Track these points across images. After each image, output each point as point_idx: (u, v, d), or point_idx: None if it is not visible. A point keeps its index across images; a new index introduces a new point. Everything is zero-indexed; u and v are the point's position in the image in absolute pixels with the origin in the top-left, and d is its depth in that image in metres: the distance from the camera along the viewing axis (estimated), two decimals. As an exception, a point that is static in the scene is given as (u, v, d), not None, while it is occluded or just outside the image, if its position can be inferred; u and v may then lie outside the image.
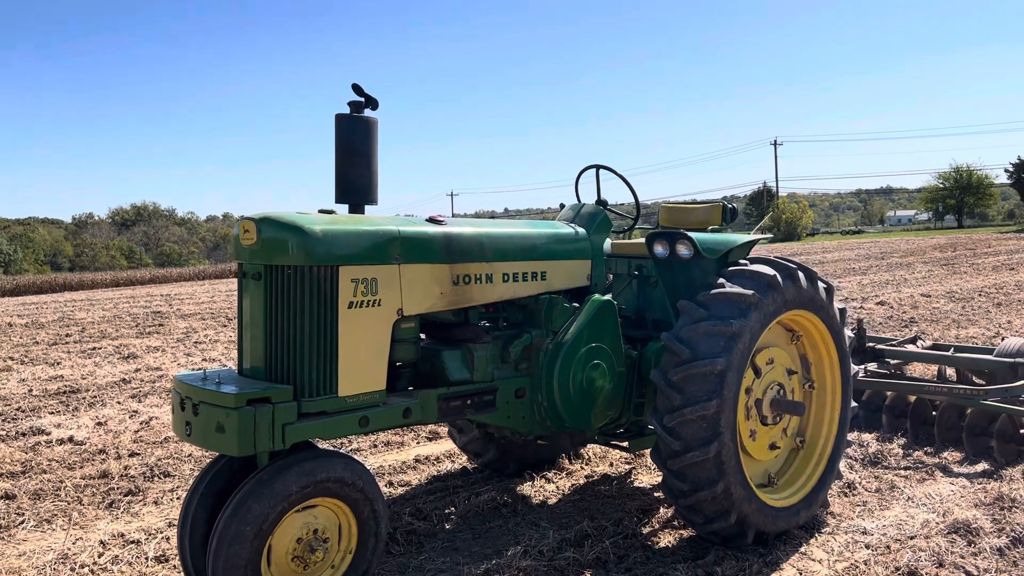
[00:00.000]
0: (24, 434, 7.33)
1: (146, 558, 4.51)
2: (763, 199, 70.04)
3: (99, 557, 4.54)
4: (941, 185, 78.79)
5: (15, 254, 64.97)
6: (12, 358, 12.22)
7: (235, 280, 33.98)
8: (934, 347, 7.71)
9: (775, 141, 76.03)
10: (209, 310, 19.37)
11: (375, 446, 6.76)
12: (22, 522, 5.15)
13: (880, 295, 17.38)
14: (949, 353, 7.13)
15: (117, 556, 4.54)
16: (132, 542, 4.75)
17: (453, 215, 4.93)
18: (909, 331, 11.59)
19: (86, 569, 4.40)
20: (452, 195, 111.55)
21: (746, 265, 4.77)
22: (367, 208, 4.28)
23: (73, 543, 4.76)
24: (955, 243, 38.90)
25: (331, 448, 4.01)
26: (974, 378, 7.13)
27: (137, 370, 10.83)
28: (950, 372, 7.17)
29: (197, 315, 18.28)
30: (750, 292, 4.42)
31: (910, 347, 7.47)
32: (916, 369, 8.35)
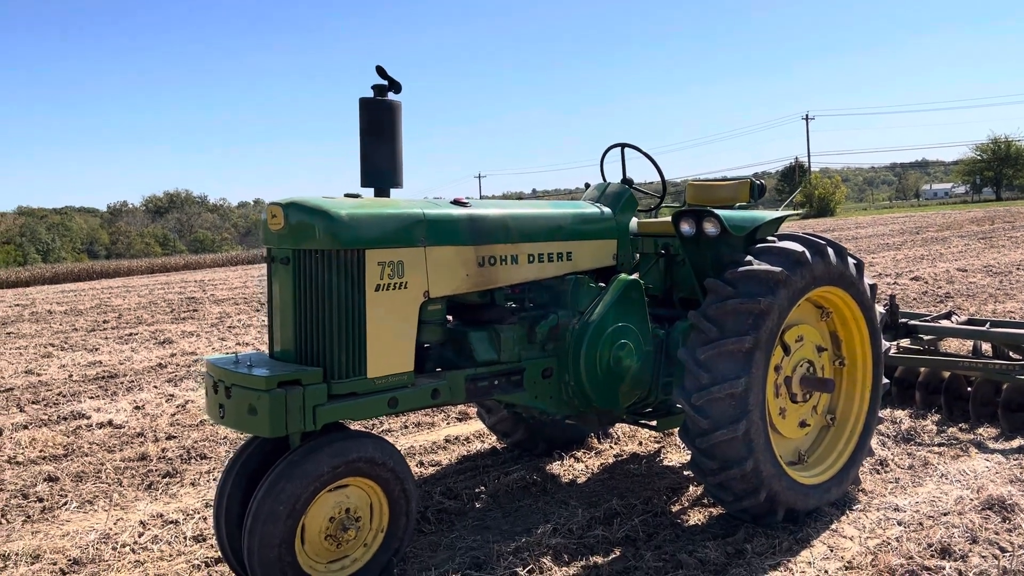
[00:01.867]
0: (65, 418, 7.51)
1: (184, 538, 4.62)
2: (795, 175, 69.06)
3: (139, 537, 4.66)
4: (979, 157, 77.17)
5: (53, 243, 66.28)
6: (52, 344, 12.50)
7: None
8: (969, 322, 7.58)
9: (807, 115, 74.88)
10: (242, 295, 19.62)
11: (405, 427, 6.84)
12: (65, 503, 5.30)
13: (915, 270, 17.11)
14: (985, 328, 7.01)
15: (156, 536, 4.66)
16: (170, 522, 4.87)
17: (481, 196, 4.93)
18: (944, 306, 11.41)
19: (127, 548, 4.52)
20: (480, 177, 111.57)
21: (774, 242, 4.73)
22: (392, 191, 4.31)
23: (114, 523, 4.89)
24: (993, 216, 38.11)
25: (361, 429, 4.07)
26: (1011, 353, 7.00)
27: (173, 355, 11.03)
28: (985, 347, 7.05)
29: (230, 300, 18.53)
30: (778, 269, 4.38)
31: (944, 322, 7.36)
32: (950, 345, 8.23)
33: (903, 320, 7.29)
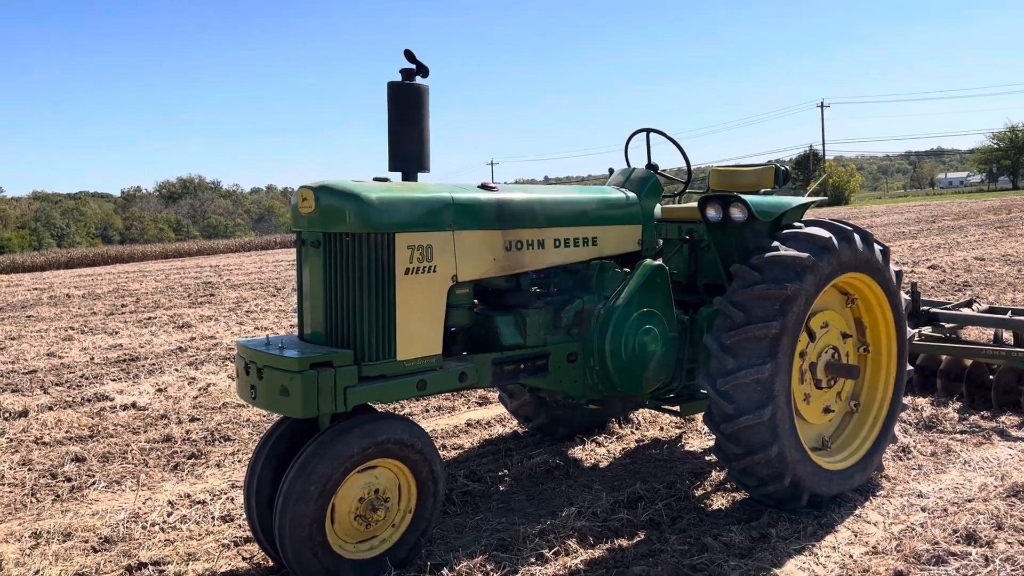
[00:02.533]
0: (89, 400, 7.59)
1: (212, 517, 4.68)
2: (809, 163, 68.62)
3: (168, 516, 4.72)
4: (995, 145, 76.41)
5: (68, 228, 66.68)
6: (73, 328, 12.61)
7: (280, 252, 34.55)
8: (990, 310, 7.55)
9: (822, 103, 74.37)
10: (258, 280, 19.72)
11: (427, 411, 6.88)
12: (93, 483, 5.37)
13: (932, 259, 17.01)
14: (1007, 316, 6.98)
15: (185, 515, 4.72)
16: (198, 502, 4.93)
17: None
18: (963, 295, 11.35)
19: (156, 527, 4.58)
20: (492, 164, 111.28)
21: (801, 228, 4.72)
22: (419, 176, 4.32)
23: (143, 503, 4.95)
24: (1010, 205, 37.80)
25: (389, 411, 4.10)
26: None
27: (192, 339, 11.12)
28: (1007, 335, 7.02)
29: (246, 285, 18.62)
30: (805, 255, 4.38)
31: (965, 311, 7.33)
32: (971, 333, 8.20)
33: (924, 308, 7.27)
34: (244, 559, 4.13)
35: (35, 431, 6.59)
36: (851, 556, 4.01)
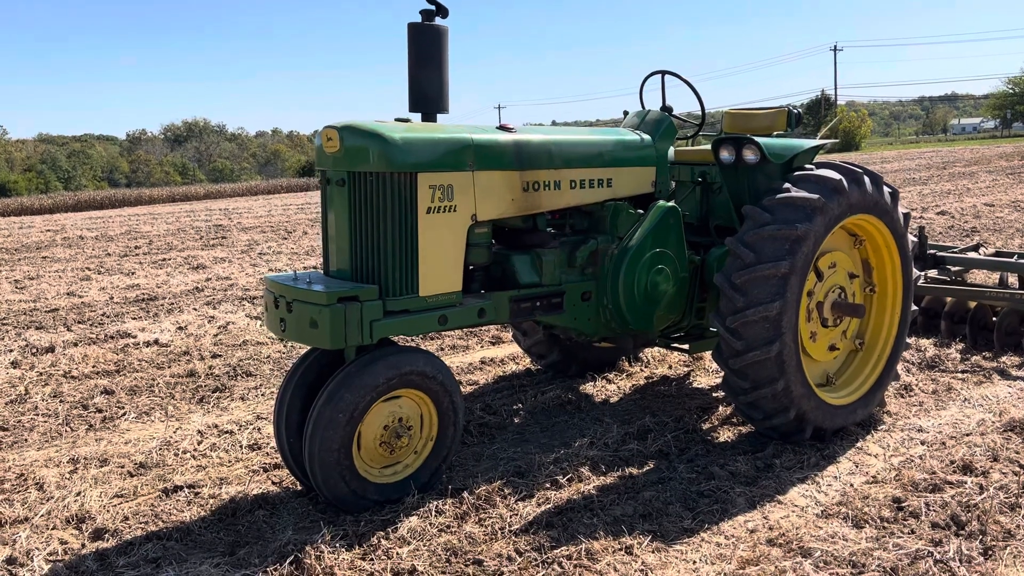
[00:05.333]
0: (112, 337, 7.80)
1: (240, 446, 4.90)
2: (821, 108, 67.78)
3: (198, 444, 4.94)
4: (1010, 91, 75.25)
5: (74, 171, 66.62)
6: (89, 268, 12.80)
7: (288, 196, 34.65)
8: (997, 254, 7.66)
9: (835, 46, 73.12)
10: (268, 223, 19.84)
11: (441, 349, 7.06)
12: (123, 414, 5.59)
13: (941, 205, 17.02)
14: (1012, 260, 7.09)
15: (214, 444, 4.94)
16: (225, 432, 5.14)
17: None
18: (970, 240, 11.42)
19: (187, 455, 4.80)
20: (499, 108, 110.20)
21: (812, 170, 4.81)
22: (438, 117, 4.41)
23: (173, 432, 5.17)
24: (1022, 152, 37.43)
25: (412, 345, 4.27)
26: (1037, 285, 7.09)
27: (208, 279, 11.30)
28: (1012, 280, 7.14)
29: (257, 228, 18.76)
30: (815, 196, 4.48)
31: (972, 254, 7.43)
32: (977, 277, 8.31)
33: (931, 251, 7.37)
34: (274, 483, 4.35)
35: (63, 365, 6.80)
36: (851, 485, 4.20)
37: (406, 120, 4.22)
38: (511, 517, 3.84)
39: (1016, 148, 41.80)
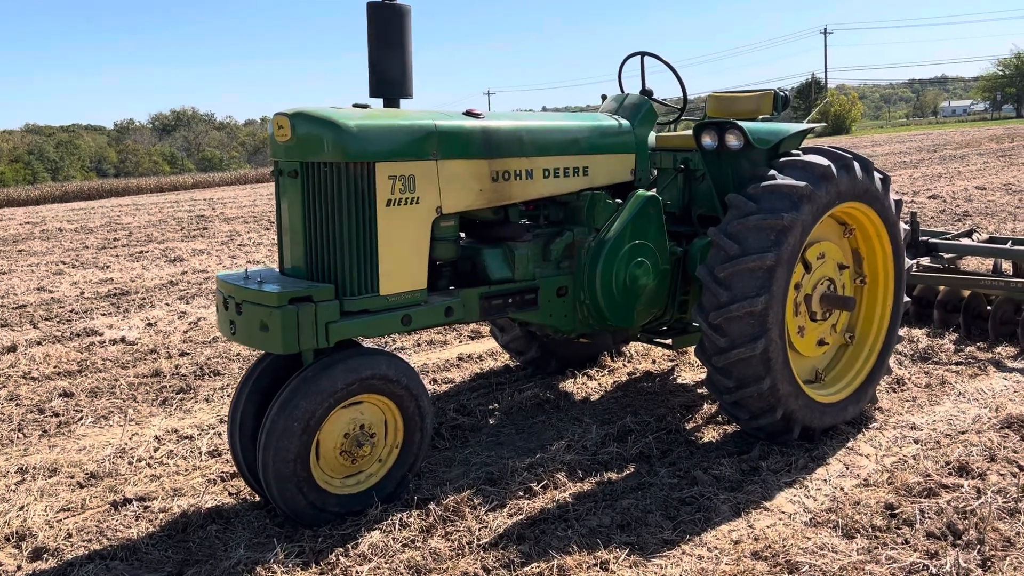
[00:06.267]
0: (78, 335, 7.53)
1: (199, 453, 4.64)
2: (811, 91, 67.47)
3: (155, 451, 4.68)
4: (1000, 72, 75.16)
5: (61, 161, 65.95)
6: (64, 262, 12.49)
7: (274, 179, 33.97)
8: (990, 240, 7.43)
9: (825, 29, 72.82)
10: (251, 213, 19.51)
11: (418, 345, 6.82)
12: (81, 418, 5.33)
13: (932, 188, 16.82)
14: (1007, 246, 6.87)
15: (172, 451, 4.68)
16: (185, 437, 4.89)
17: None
18: (962, 225, 11.21)
19: (143, 463, 4.55)
20: (489, 93, 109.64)
21: (798, 156, 4.56)
22: (403, 102, 4.15)
23: (130, 438, 4.92)
24: (1013, 134, 37.32)
25: (375, 346, 4.02)
26: (1033, 272, 6.87)
27: (184, 272, 11.01)
28: (1006, 266, 6.92)
29: (240, 218, 18.44)
30: (802, 184, 4.24)
31: (965, 241, 7.21)
32: (970, 264, 8.09)
33: (923, 238, 7.14)
34: (230, 494, 4.11)
35: (23, 366, 6.53)
36: (842, 489, 3.98)
37: (365, 106, 3.95)
38: (480, 530, 3.60)
39: (1006, 130, 41.64)
